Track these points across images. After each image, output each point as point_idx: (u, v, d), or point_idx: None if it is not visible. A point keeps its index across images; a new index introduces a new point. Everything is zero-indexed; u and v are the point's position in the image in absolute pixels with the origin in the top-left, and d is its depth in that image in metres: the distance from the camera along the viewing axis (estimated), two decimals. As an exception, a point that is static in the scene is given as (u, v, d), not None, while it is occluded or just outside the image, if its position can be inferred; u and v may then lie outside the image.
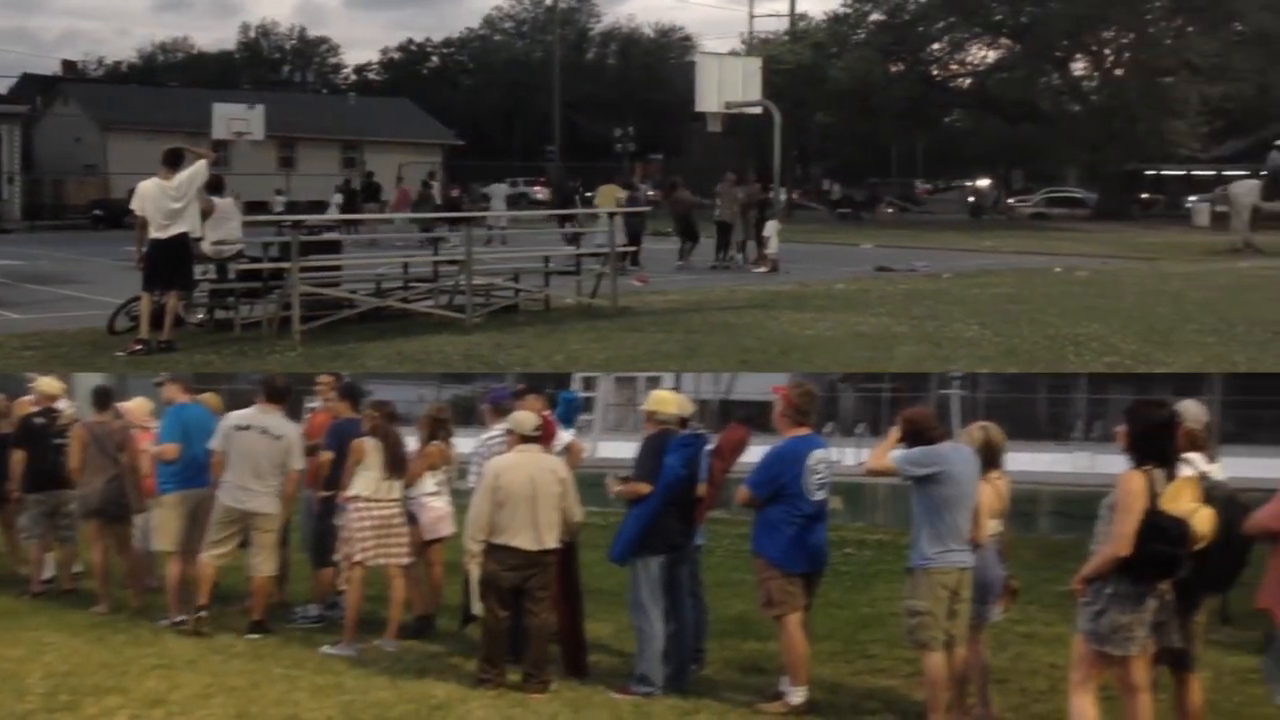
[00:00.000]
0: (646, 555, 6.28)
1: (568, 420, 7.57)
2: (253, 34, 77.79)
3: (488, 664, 6.24)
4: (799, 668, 6.01)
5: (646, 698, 6.09)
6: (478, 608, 6.32)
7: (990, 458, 5.92)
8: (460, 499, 7.55)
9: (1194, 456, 5.17)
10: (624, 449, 6.57)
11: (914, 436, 5.75)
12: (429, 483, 7.55)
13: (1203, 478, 5.06)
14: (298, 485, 7.54)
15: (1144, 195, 43.94)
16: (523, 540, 6.20)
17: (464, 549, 6.39)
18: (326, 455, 7.48)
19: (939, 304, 13.98)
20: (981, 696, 5.95)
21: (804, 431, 6.13)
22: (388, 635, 7.09)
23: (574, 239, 17.61)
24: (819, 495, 6.08)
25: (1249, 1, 36.20)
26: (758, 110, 21.93)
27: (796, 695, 5.98)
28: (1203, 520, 4.77)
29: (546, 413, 6.94)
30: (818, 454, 6.10)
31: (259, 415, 7.31)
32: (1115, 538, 4.78)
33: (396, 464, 7.12)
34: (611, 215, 15.42)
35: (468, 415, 12.82)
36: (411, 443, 7.50)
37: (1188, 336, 11.31)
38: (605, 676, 6.52)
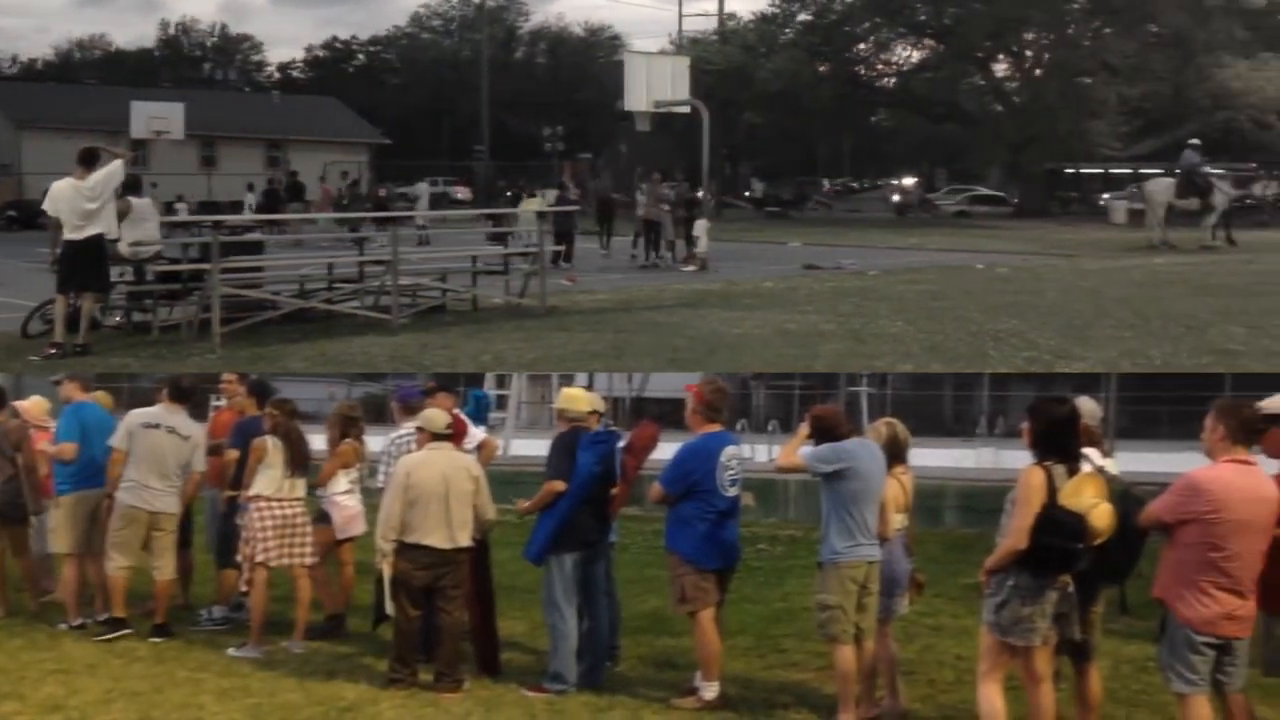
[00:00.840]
0: (561, 553, 6.29)
1: (479, 418, 7.54)
2: (173, 31, 76.18)
3: (399, 664, 6.20)
4: (712, 663, 6.07)
5: (560, 695, 6.11)
6: (389, 607, 6.27)
7: (896, 453, 6.03)
8: (370, 498, 7.49)
9: (1089, 452, 5.29)
10: (538, 447, 6.60)
11: (823, 433, 5.83)
12: (341, 482, 7.46)
13: (1099, 472, 5.15)
14: (198, 486, 7.43)
15: (1064, 193, 44.91)
16: (435, 539, 6.16)
17: (376, 548, 6.32)
18: (232, 454, 7.36)
19: (865, 301, 14.13)
20: (890, 688, 6.04)
21: (716, 428, 6.18)
22: (295, 636, 7.01)
23: (500, 238, 17.53)
24: (731, 491, 6.13)
25: (1164, 3, 37.17)
26: (686, 110, 21.96)
27: (710, 690, 6.04)
28: (1102, 515, 4.88)
29: (457, 411, 6.90)
30: (730, 450, 6.16)
31: (166, 414, 7.18)
32: (1013, 532, 4.90)
33: (298, 462, 7.02)
34: (540, 215, 15.38)
35: (379, 413, 12.71)
36: (320, 441, 7.42)
37: (1104, 332, 11.55)
38: (519, 675, 6.50)
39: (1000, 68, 44.48)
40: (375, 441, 7.58)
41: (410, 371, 9.52)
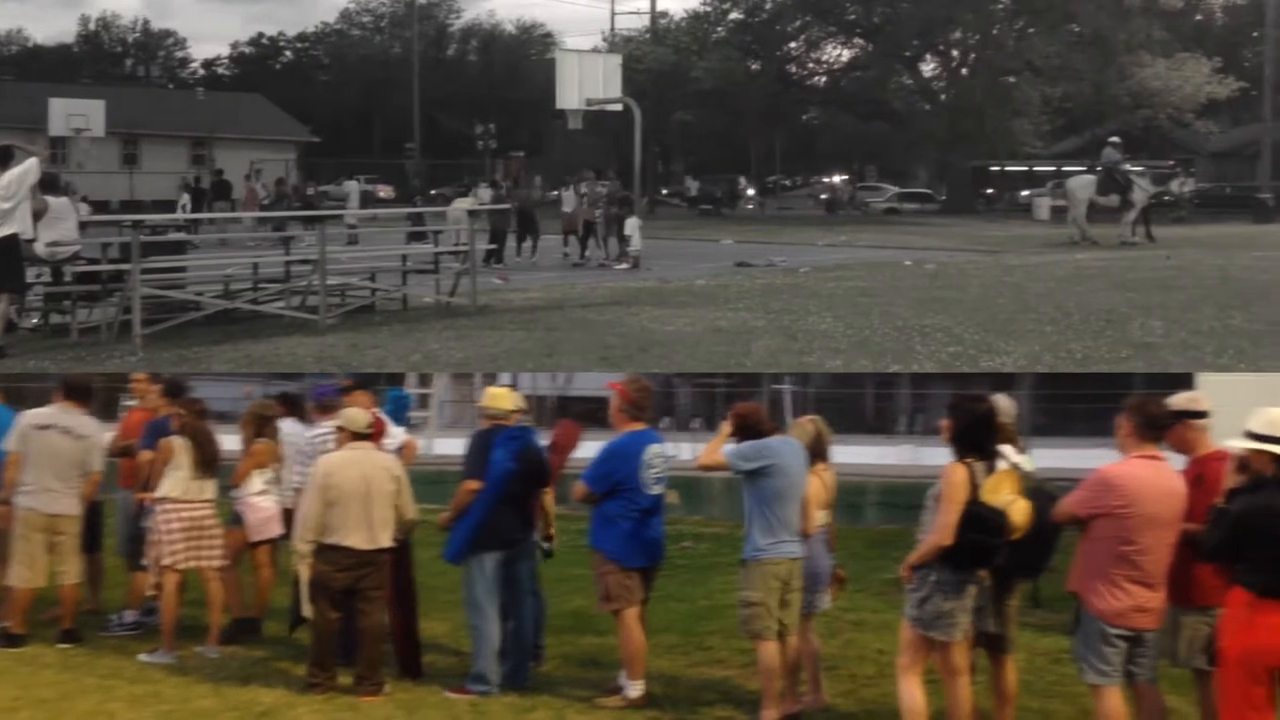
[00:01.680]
0: (481, 552, 6.24)
1: (397, 418, 7.47)
2: (93, 26, 74.26)
3: (318, 667, 6.12)
4: (636, 662, 6.09)
5: (483, 696, 6.07)
6: (307, 610, 6.19)
7: (818, 451, 6.09)
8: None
9: (1005, 449, 5.38)
10: (461, 446, 6.59)
11: (745, 431, 5.88)
12: (256, 482, 7.34)
13: (1014, 469, 5.25)
14: (97, 487, 7.26)
15: (989, 190, 45.72)
16: (356, 540, 6.09)
17: (293, 549, 6.24)
18: (145, 455, 7.20)
19: (795, 298, 14.24)
20: (813, 683, 6.12)
21: (640, 426, 6.21)
22: (209, 641, 6.90)
23: (425, 237, 17.38)
24: (655, 490, 6.16)
25: (1085, 4, 37.98)
26: (619, 108, 21.97)
27: (634, 689, 6.06)
28: (1020, 511, 4.99)
29: (376, 410, 6.83)
30: (654, 448, 6.18)
31: (60, 414, 7.02)
32: (939, 528, 4.98)
33: (207, 463, 6.89)
34: (471, 214, 15.30)
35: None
36: (231, 440, 7.29)
37: (1027, 326, 11.74)
38: (441, 677, 6.46)
39: (928, 67, 45.19)
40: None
41: (335, 372, 9.40)
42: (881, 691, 6.15)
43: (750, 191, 49.22)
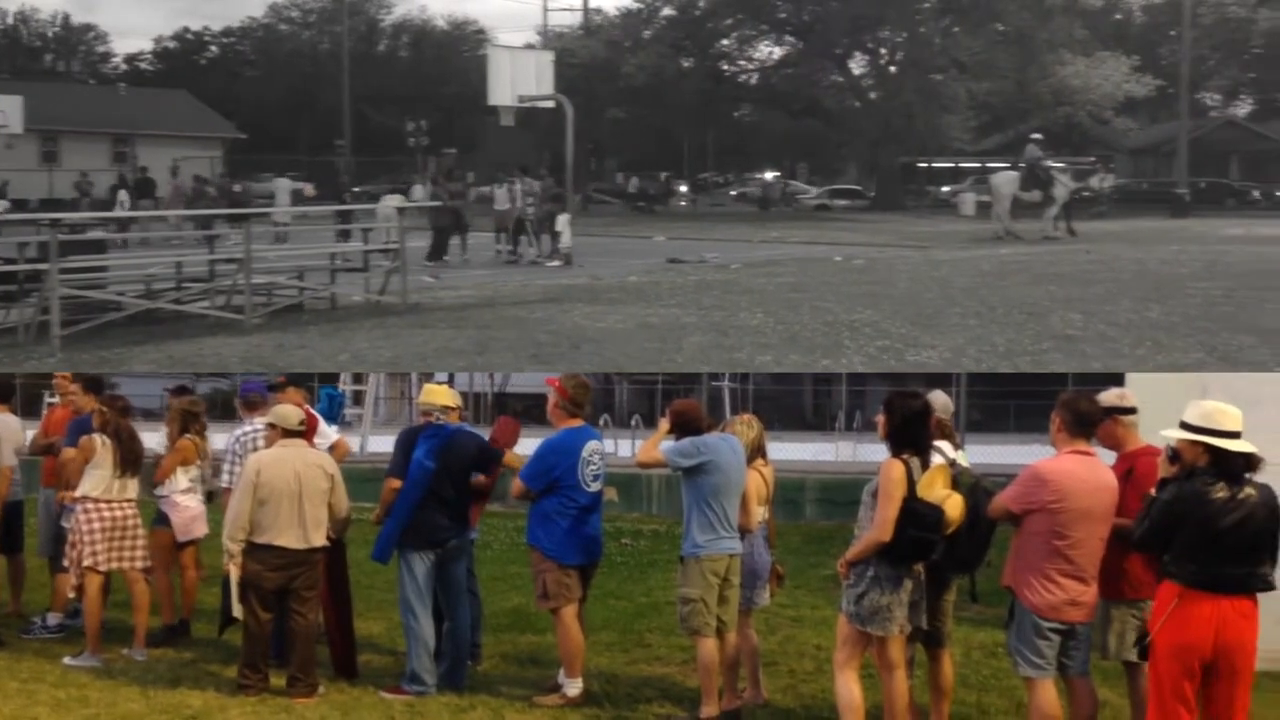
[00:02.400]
0: (409, 552, 6.20)
1: (331, 416, 7.39)
2: (11, 20, 72.10)
3: (249, 669, 6.06)
4: (575, 659, 6.09)
5: (419, 696, 6.04)
6: (238, 610, 6.12)
7: (757, 447, 6.13)
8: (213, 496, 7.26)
9: (942, 444, 5.46)
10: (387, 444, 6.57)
11: (683, 428, 5.91)
12: (181, 480, 7.22)
13: (951, 464, 5.34)
14: (8, 483, 7.14)
15: (917, 186, 46.42)
16: (288, 539, 6.03)
17: (223, 549, 6.15)
18: (68, 453, 7.06)
19: (727, 294, 14.32)
20: (752, 679, 6.16)
21: (578, 423, 6.21)
22: (135, 644, 6.79)
23: (349, 234, 17.22)
24: (594, 487, 6.16)
25: (1009, 3, 38.70)
26: (551, 104, 21.91)
27: (573, 687, 6.06)
28: (954, 506, 5.05)
29: (308, 407, 6.78)
30: (592, 445, 6.19)
31: None
32: (878, 524, 5.02)
33: (129, 462, 6.77)
34: (401, 211, 15.16)
35: (225, 409, 12.40)
36: (153, 438, 7.17)
37: (952, 320, 11.92)
38: (377, 677, 6.41)
39: (857, 65, 45.69)
40: (219, 439, 7.35)
41: (262, 372, 9.29)
42: (820, 687, 6.20)
43: (683, 188, 49.41)
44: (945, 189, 41.95)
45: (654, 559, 10.50)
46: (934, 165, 46.71)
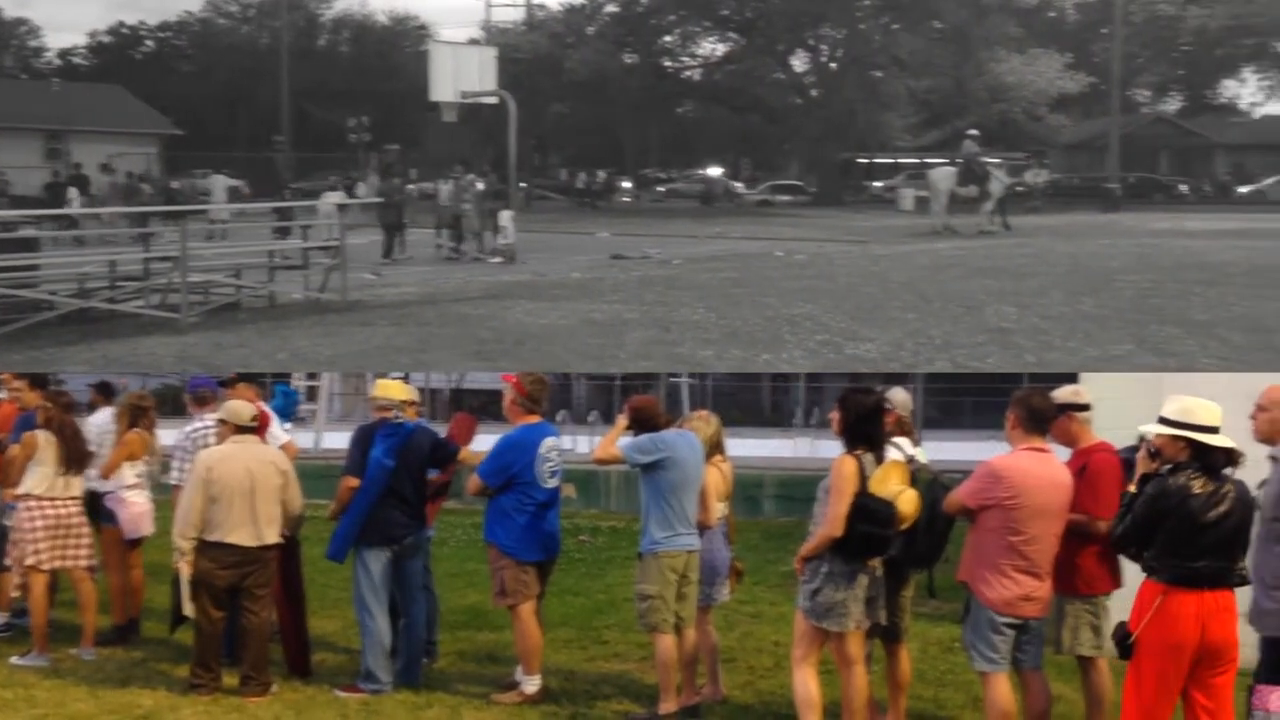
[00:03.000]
0: (366, 549, 6.19)
1: (286, 413, 7.34)
2: (-62, 13, 70.17)
3: (201, 668, 6.03)
4: (533, 657, 6.09)
5: (375, 695, 6.02)
6: (189, 609, 6.08)
7: (714, 443, 6.15)
8: (163, 493, 7.18)
9: (901, 440, 5.54)
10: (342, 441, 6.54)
11: (641, 424, 5.92)
12: (128, 475, 7.13)
13: (910, 460, 5.41)
14: None
15: (857, 182, 46.91)
16: (240, 536, 5.99)
17: (174, 546, 6.10)
18: (13, 450, 6.96)
19: (669, 290, 14.39)
20: (711, 675, 6.20)
21: (535, 419, 6.20)
22: (84, 643, 6.73)
23: (288, 232, 17.02)
24: (551, 483, 6.16)
25: (946, 1, 39.21)
26: (494, 100, 21.83)
27: (531, 684, 6.06)
28: (908, 501, 5.10)
29: (261, 403, 6.73)
30: (549, 441, 6.19)
31: None
32: (829, 519, 5.06)
33: (73, 459, 6.69)
34: (341, 208, 15.05)
35: (174, 405, 12.26)
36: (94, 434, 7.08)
37: (890, 314, 12.08)
38: (331, 675, 6.38)
39: (799, 62, 46.03)
40: (169, 435, 7.26)
41: (197, 372, 9.19)
42: (779, 683, 6.24)
43: (626, 184, 49.46)
44: (878, 184, 42.50)
45: (612, 555, 10.53)
46: (874, 161, 47.22)
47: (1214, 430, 4.45)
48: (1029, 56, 39.13)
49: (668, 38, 47.05)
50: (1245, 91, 57.55)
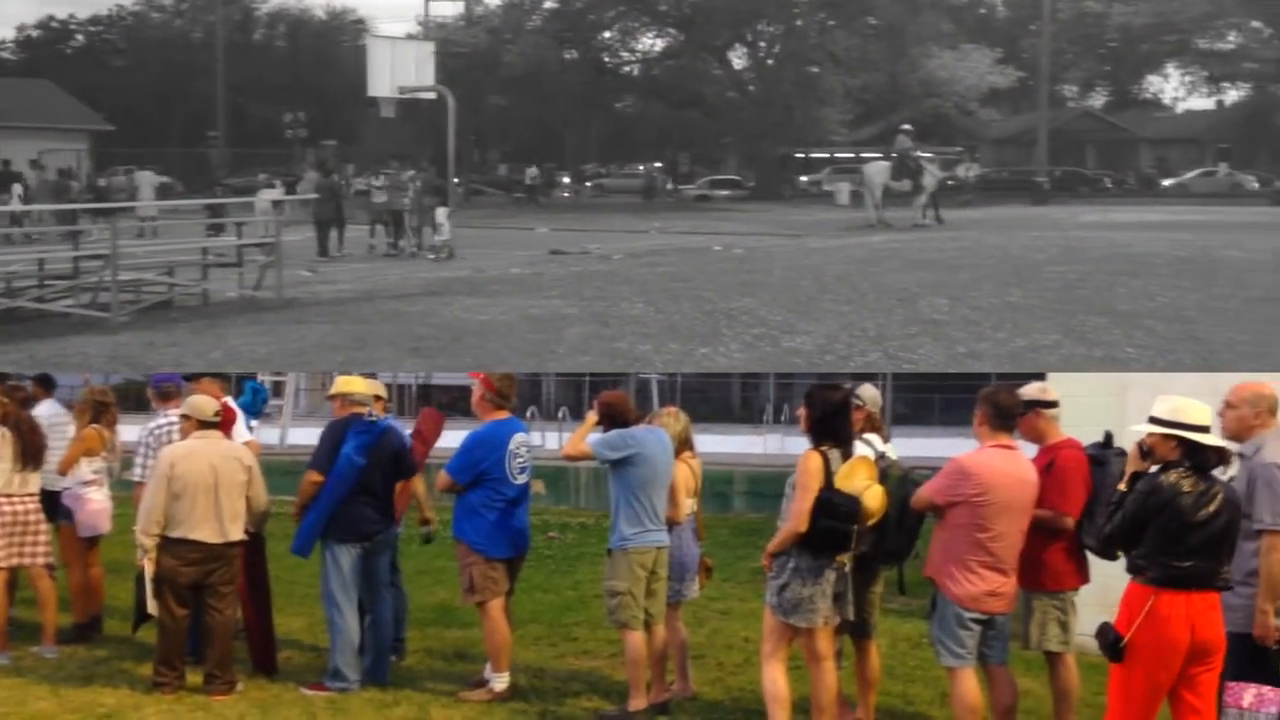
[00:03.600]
0: (335, 545, 6.14)
1: (254, 410, 7.28)
2: None
3: (165, 666, 5.97)
4: (502, 654, 6.06)
5: (342, 693, 5.98)
6: (153, 606, 6.02)
7: (684, 440, 6.15)
8: (125, 489, 7.10)
9: (872, 437, 5.55)
10: (316, 436, 6.56)
11: (611, 420, 5.92)
12: (85, 471, 7.03)
13: (880, 457, 5.42)
14: None
15: (794, 176, 47.36)
16: (204, 533, 5.93)
17: (136, 543, 6.05)
18: None
19: (608, 285, 14.40)
20: (681, 672, 6.19)
21: (504, 415, 6.19)
22: (45, 640, 6.65)
23: (221, 229, 16.83)
24: (521, 479, 6.14)
25: (881, -3, 39.76)
26: (432, 95, 21.73)
27: (500, 682, 6.03)
28: (874, 497, 5.11)
29: (227, 399, 6.65)
30: (519, 437, 6.17)
31: None
32: (794, 515, 5.07)
33: (30, 455, 6.58)
34: (276, 204, 14.91)
35: (138, 400, 12.11)
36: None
37: (825, 306, 12.19)
38: (298, 673, 6.34)
39: (737, 58, 46.33)
40: (131, 430, 7.19)
41: (129, 372, 9.10)
42: (748, 679, 6.24)
43: (565, 179, 49.43)
44: (804, 179, 43.04)
45: (581, 552, 10.53)
46: (811, 156, 47.70)
47: (1205, 430, 4.46)
48: (960, 52, 39.80)
49: (607, 33, 47.09)
50: (1168, 87, 59.22)
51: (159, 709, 5.65)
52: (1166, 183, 47.25)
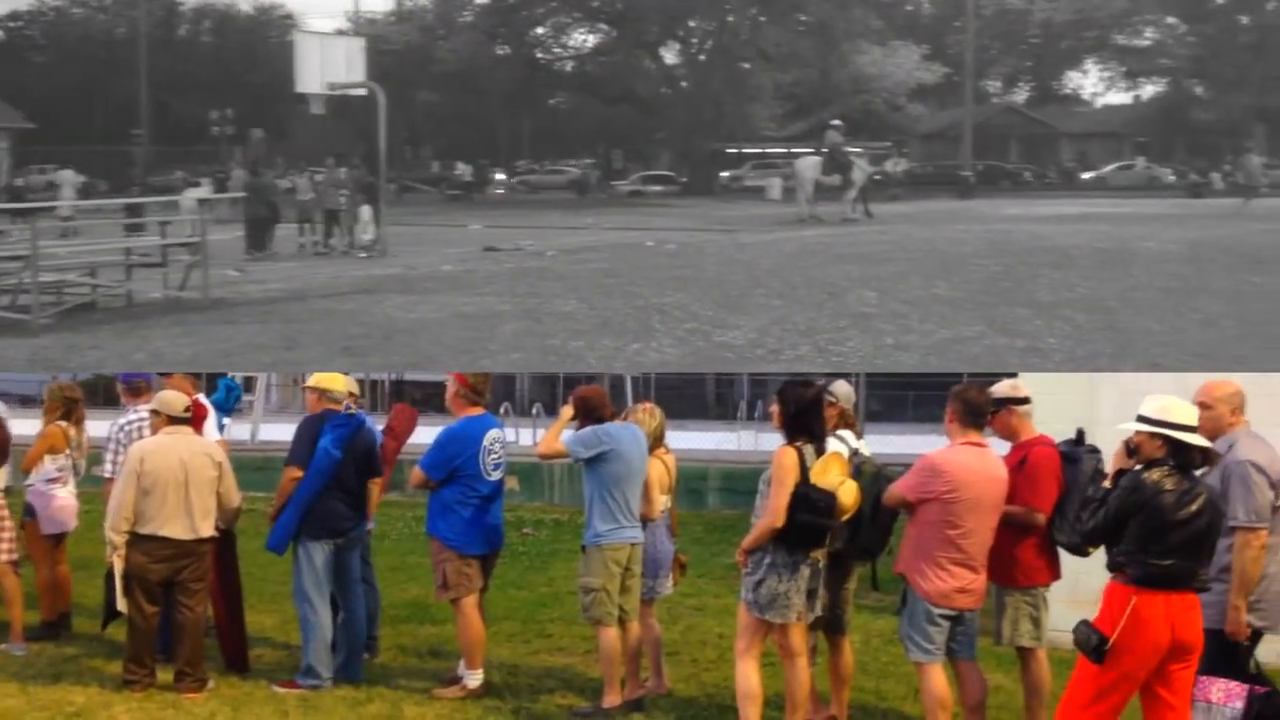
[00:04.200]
0: (309, 541, 6.12)
1: (227, 408, 7.22)
2: None
3: (135, 664, 5.93)
4: (475, 651, 6.06)
5: (314, 690, 5.96)
6: (122, 604, 5.98)
7: (658, 436, 6.17)
8: (94, 485, 7.02)
9: (845, 433, 5.61)
10: (288, 432, 6.62)
11: (587, 413, 5.94)
12: (49, 468, 6.96)
13: (854, 453, 5.48)
14: None
15: (727, 172, 47.65)
16: (174, 529, 5.89)
17: (106, 540, 5.99)
18: None
19: (541, 281, 14.39)
20: (655, 668, 6.23)
21: (479, 412, 6.19)
22: (12, 638, 6.59)
23: (144, 228, 16.52)
24: (495, 475, 6.14)
25: (811, -6, 40.17)
26: (363, 92, 21.48)
27: (474, 679, 6.04)
28: (848, 492, 5.16)
29: (198, 395, 6.60)
30: (493, 434, 6.17)
31: None
32: (769, 510, 5.10)
33: None
34: (202, 202, 14.69)
35: (107, 396, 11.87)
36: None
37: (757, 301, 12.29)
38: (269, 671, 6.32)
39: (670, 54, 46.50)
40: (100, 426, 7.14)
41: (49, 375, 8.94)
42: (722, 675, 6.27)
43: (500, 176, 49.22)
44: (735, 173, 43.38)
45: (555, 548, 10.53)
46: (743, 151, 48.03)
47: (1193, 430, 4.49)
48: (889, 49, 40.34)
49: (539, 29, 46.96)
50: (1088, 82, 60.57)
51: (129, 707, 5.62)
52: (1086, 176, 48.38)
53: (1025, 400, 5.40)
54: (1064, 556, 5.39)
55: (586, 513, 5.92)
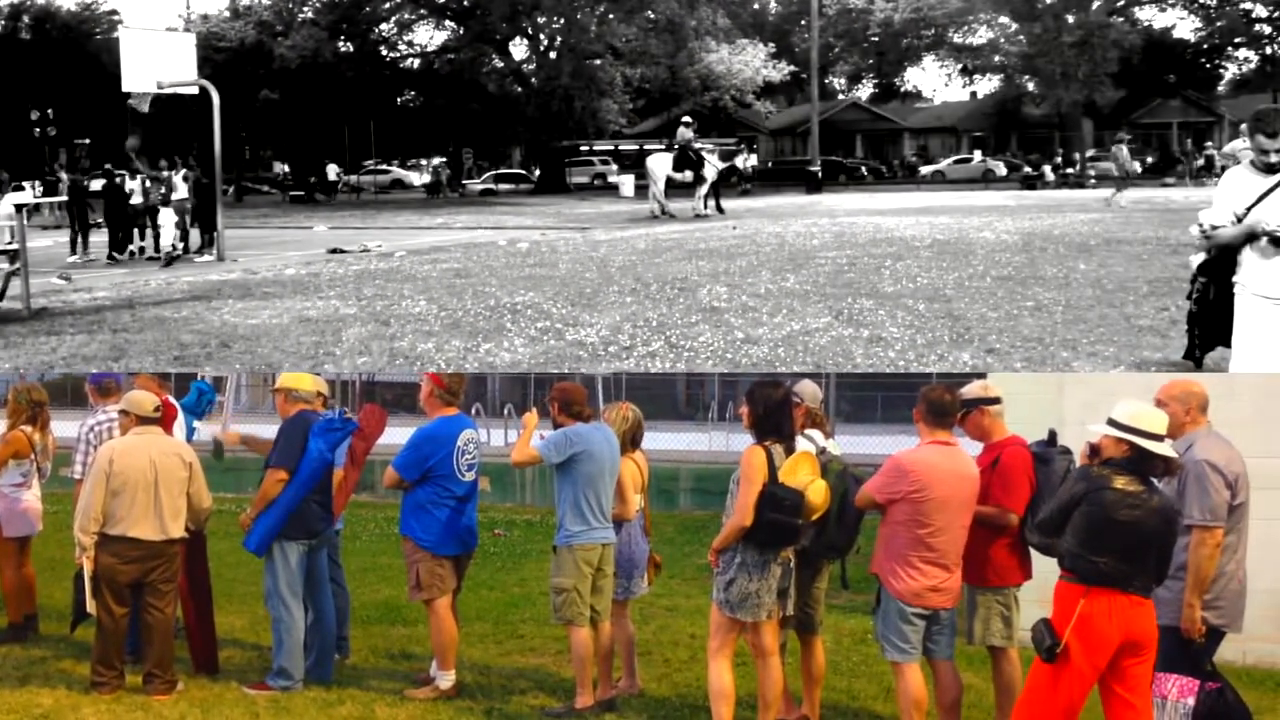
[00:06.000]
0: (284, 542, 6.03)
1: (197, 412, 6.95)
2: None
3: (103, 666, 5.82)
4: (448, 651, 6.05)
5: (285, 692, 5.88)
6: (91, 605, 5.85)
7: (632, 436, 6.16)
8: (63, 487, 6.81)
9: (814, 433, 5.60)
10: (257, 433, 6.52)
11: (565, 406, 5.91)
12: (13, 472, 6.77)
13: (822, 452, 5.47)
14: None
15: (579, 169, 47.80)
16: (144, 530, 5.77)
17: (75, 541, 5.83)
18: None
19: (389, 283, 14.14)
20: (627, 669, 6.23)
21: (452, 412, 6.15)
22: None
23: None
24: (469, 476, 6.12)
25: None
26: (194, 90, 20.63)
27: (446, 680, 6.02)
28: (817, 491, 5.17)
29: (168, 396, 6.45)
30: (468, 434, 6.15)
31: None
32: (738, 509, 5.12)
33: None
34: (19, 208, 13.82)
35: (75, 396, 11.05)
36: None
37: (610, 298, 12.32)
38: (240, 672, 6.22)
39: (518, 50, 46.34)
40: (68, 428, 6.93)
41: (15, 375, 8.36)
42: (694, 675, 6.28)
43: (345, 176, 48.15)
44: (588, 170, 43.68)
45: (527, 549, 10.38)
46: (595, 148, 48.19)
47: (1159, 438, 4.51)
48: (736, 47, 41.11)
49: (384, 25, 46.14)
50: (927, 79, 62.84)
51: (97, 709, 5.53)
52: (925, 170, 50.25)
53: (996, 400, 5.42)
54: (1036, 557, 5.43)
55: (558, 513, 5.92)
